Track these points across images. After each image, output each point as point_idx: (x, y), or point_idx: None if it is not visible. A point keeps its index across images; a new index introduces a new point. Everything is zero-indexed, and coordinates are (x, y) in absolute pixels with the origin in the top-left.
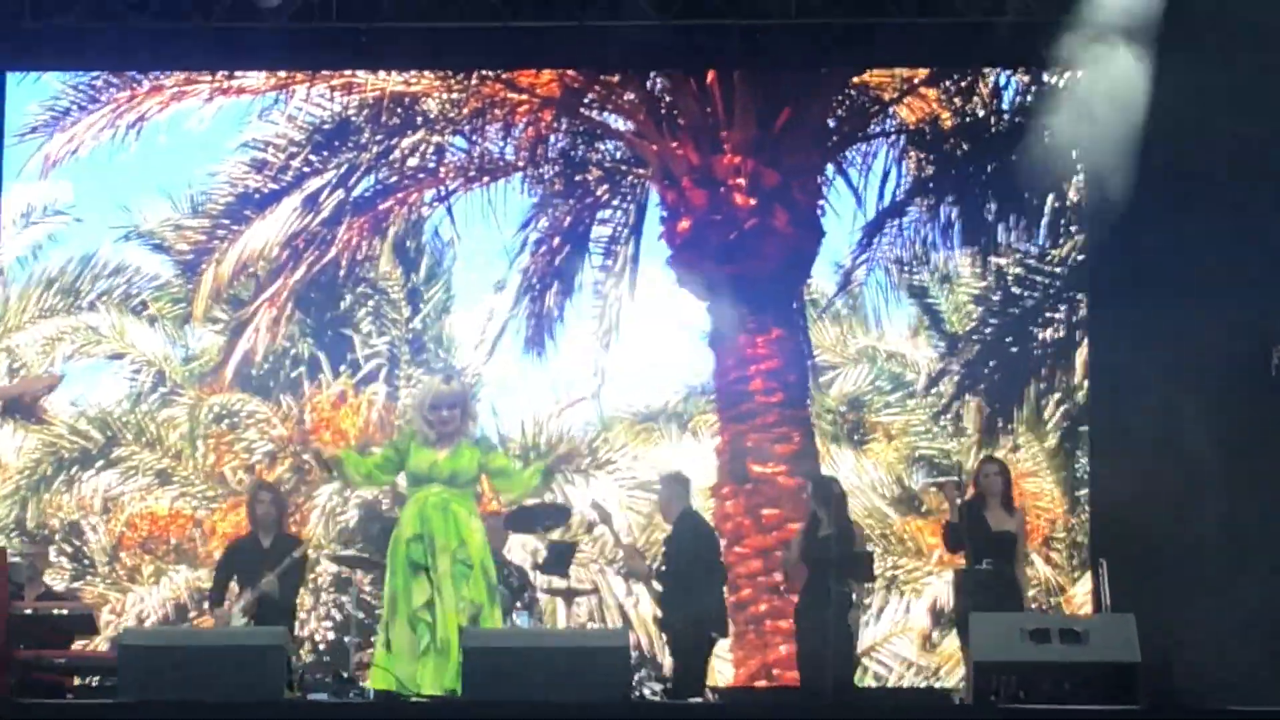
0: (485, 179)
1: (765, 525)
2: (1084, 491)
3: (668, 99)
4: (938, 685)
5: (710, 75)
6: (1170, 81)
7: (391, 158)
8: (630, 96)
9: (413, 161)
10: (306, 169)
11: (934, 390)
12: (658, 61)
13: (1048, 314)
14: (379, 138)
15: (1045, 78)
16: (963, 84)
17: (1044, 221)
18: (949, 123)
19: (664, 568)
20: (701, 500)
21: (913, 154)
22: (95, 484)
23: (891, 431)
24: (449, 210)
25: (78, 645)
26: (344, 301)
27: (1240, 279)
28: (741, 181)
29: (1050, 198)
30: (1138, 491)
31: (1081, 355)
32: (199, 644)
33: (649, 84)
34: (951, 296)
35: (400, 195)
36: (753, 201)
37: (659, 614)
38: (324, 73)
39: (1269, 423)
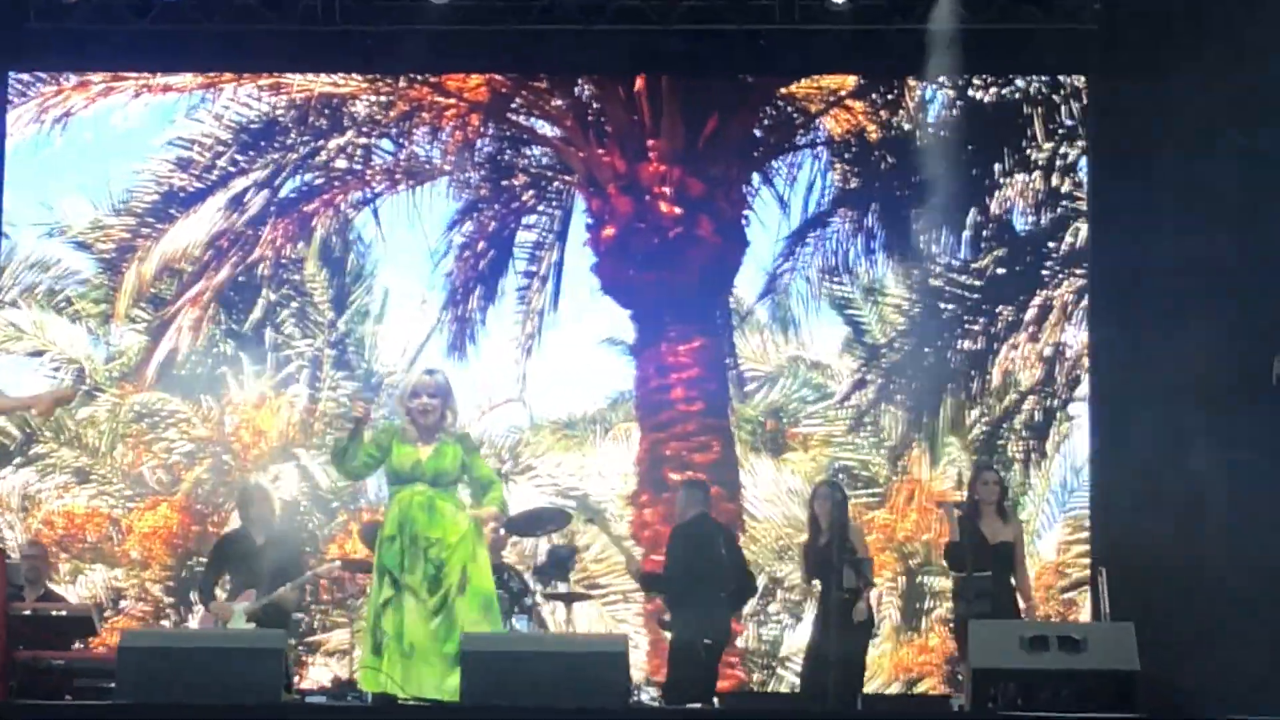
0: (411, 182)
1: None
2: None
3: (595, 106)
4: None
5: (638, 83)
6: (1177, 90)
7: (318, 159)
8: (558, 102)
9: (340, 163)
10: (232, 169)
11: (853, 400)
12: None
13: (967, 325)
14: (306, 139)
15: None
16: (889, 96)
17: (965, 234)
18: (875, 135)
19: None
20: (619, 508)
21: (838, 166)
22: (13, 481)
23: (811, 441)
24: (375, 213)
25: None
26: (267, 302)
27: (1241, 289)
28: (667, 190)
29: (972, 211)
30: (1138, 500)
31: (999, 366)
32: (198, 646)
33: (577, 90)
34: (873, 307)
35: (326, 197)
36: (678, 210)
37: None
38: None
39: (1270, 433)
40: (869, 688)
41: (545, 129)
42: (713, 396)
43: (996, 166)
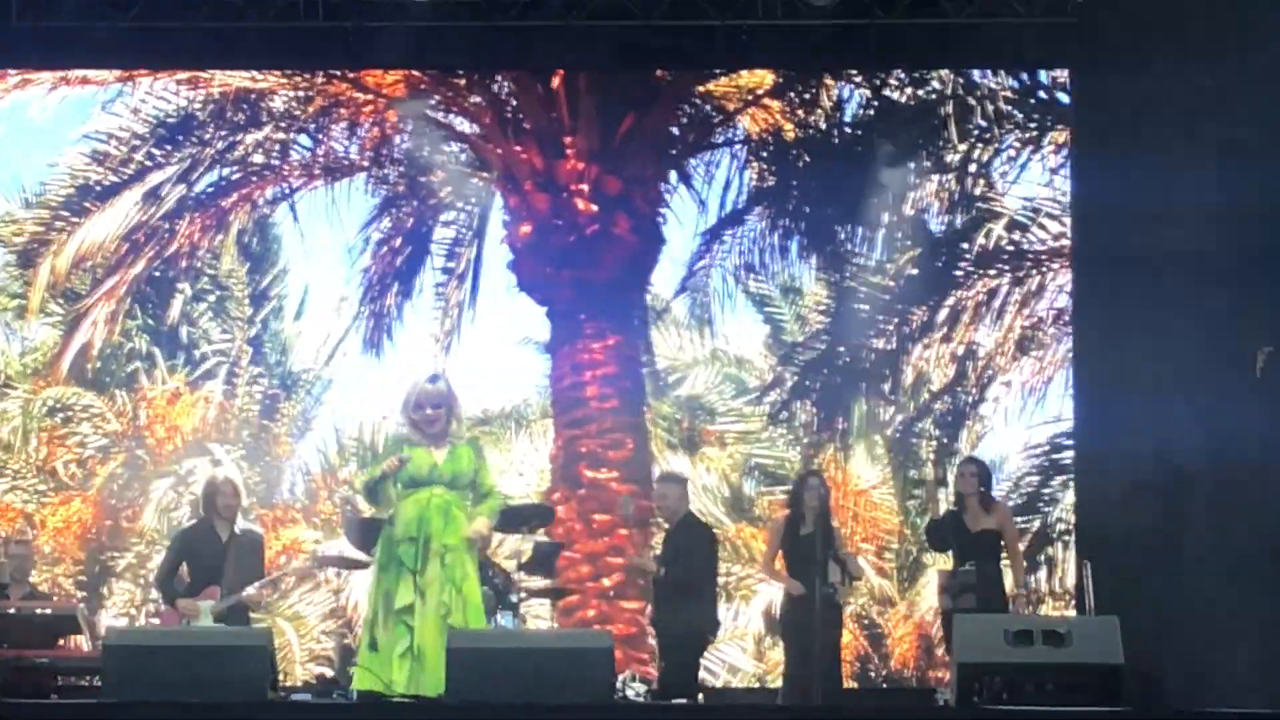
0: (329, 178)
1: (596, 530)
2: (913, 500)
3: (513, 103)
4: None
5: (555, 80)
6: (1159, 81)
7: (235, 154)
8: (476, 99)
9: (257, 158)
10: (149, 162)
11: (769, 398)
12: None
13: (881, 324)
14: (224, 133)
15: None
16: (805, 96)
17: (881, 233)
18: (791, 134)
19: (661, 570)
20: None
21: (755, 164)
22: None
23: (727, 439)
24: (292, 208)
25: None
26: (183, 297)
27: (1225, 281)
28: (584, 187)
29: (887, 211)
30: (1124, 493)
31: (912, 365)
32: (183, 644)
33: (495, 87)
34: (789, 304)
35: (244, 192)
36: (594, 207)
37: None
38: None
39: (1253, 424)
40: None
41: (463, 125)
42: (628, 394)
43: (911, 167)
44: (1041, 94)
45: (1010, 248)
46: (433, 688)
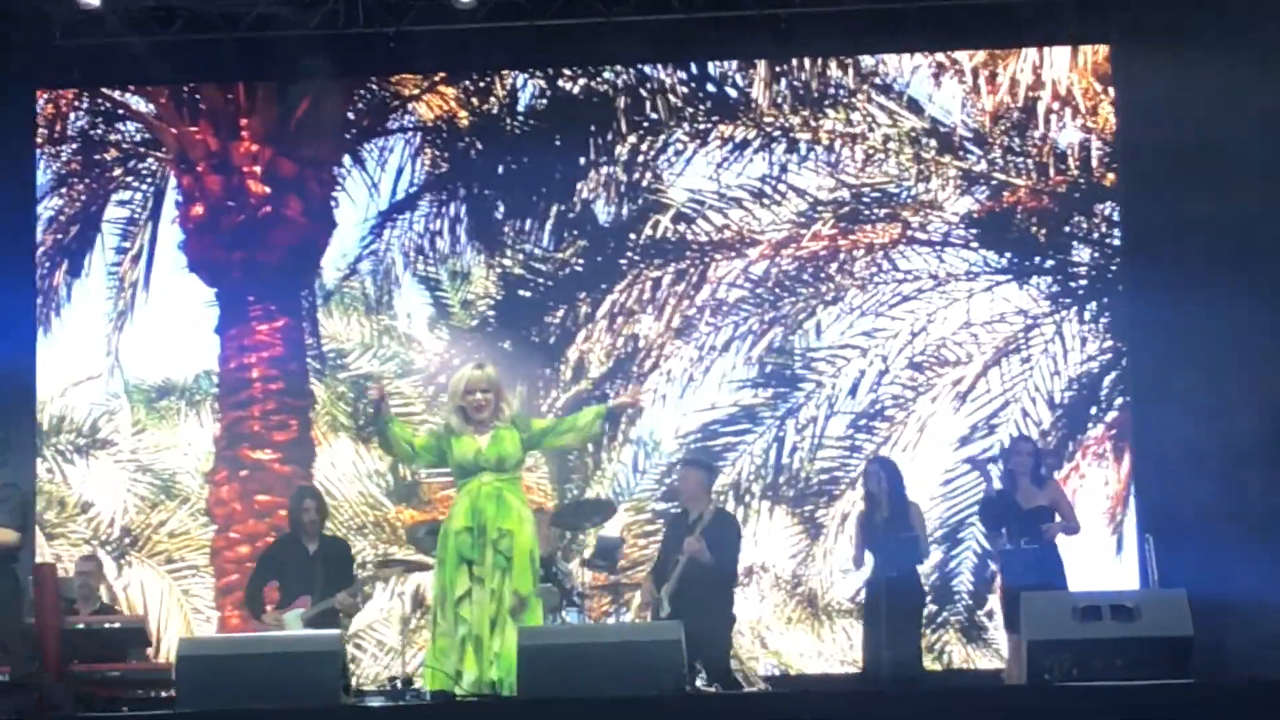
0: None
1: (257, 510)
2: (570, 484)
3: (191, 83)
4: None
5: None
6: (1200, 53)
7: None
8: None
9: None
10: None
11: (436, 381)
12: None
13: (547, 318)
14: None
15: None
16: (480, 84)
17: (549, 224)
18: (465, 122)
19: (712, 559)
20: (196, 485)
21: (429, 150)
22: None
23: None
24: None
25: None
26: None
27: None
28: (257, 169)
29: (556, 202)
30: (1180, 466)
31: (576, 352)
32: (255, 652)
33: None
34: (458, 290)
35: None
36: (267, 190)
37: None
38: None
39: None
40: None
41: (139, 105)
42: (294, 376)
43: (581, 159)
44: (710, 86)
45: (674, 239)
46: (499, 674)
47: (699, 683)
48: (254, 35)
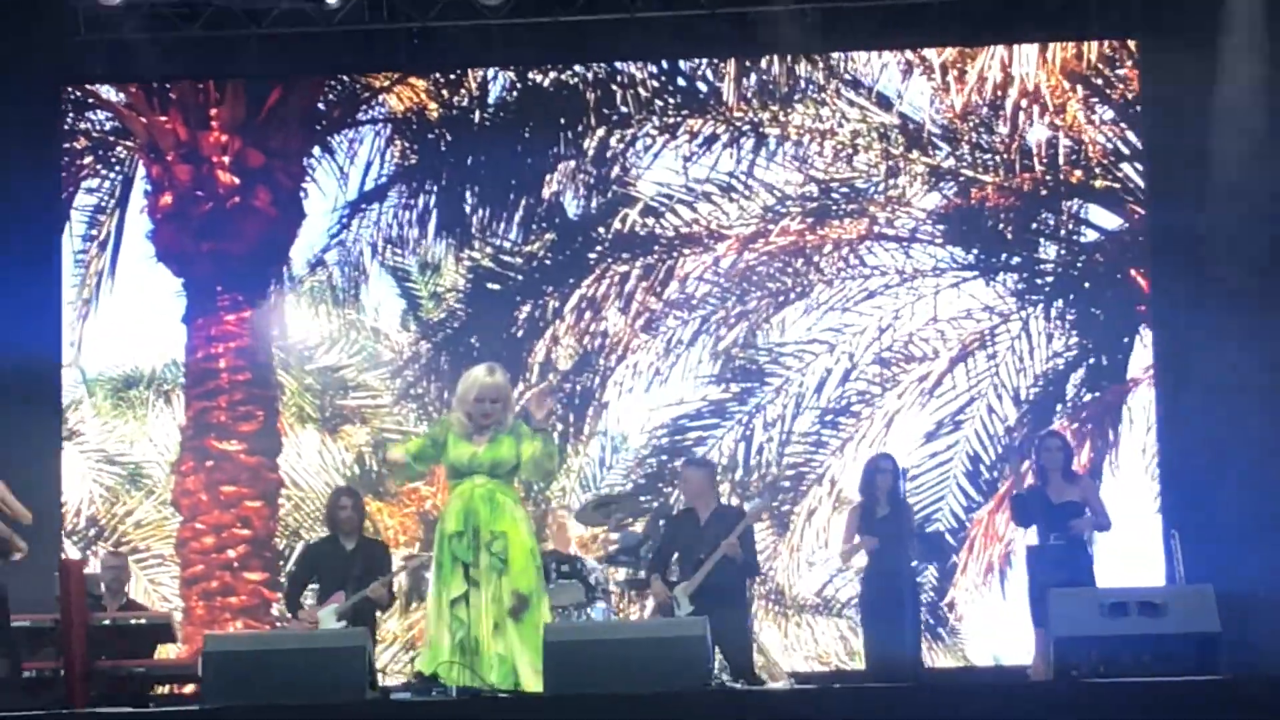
0: None
1: (223, 501)
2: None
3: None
4: None
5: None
6: (1227, 46)
7: None
8: None
9: None
10: None
11: (405, 374)
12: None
13: (515, 312)
14: None
15: None
16: (450, 77)
17: (518, 217)
18: (435, 114)
19: (742, 555)
20: (164, 475)
21: (398, 142)
22: None
23: (363, 414)
24: None
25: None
26: None
27: None
28: (226, 159)
29: (525, 195)
30: (1204, 462)
31: (541, 348)
32: (281, 648)
33: None
34: (426, 282)
35: None
36: (236, 180)
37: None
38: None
39: None
40: None
41: (109, 94)
42: (261, 367)
43: (550, 152)
44: (680, 80)
45: (643, 233)
46: (500, 677)
47: (724, 678)
48: (278, 31)
